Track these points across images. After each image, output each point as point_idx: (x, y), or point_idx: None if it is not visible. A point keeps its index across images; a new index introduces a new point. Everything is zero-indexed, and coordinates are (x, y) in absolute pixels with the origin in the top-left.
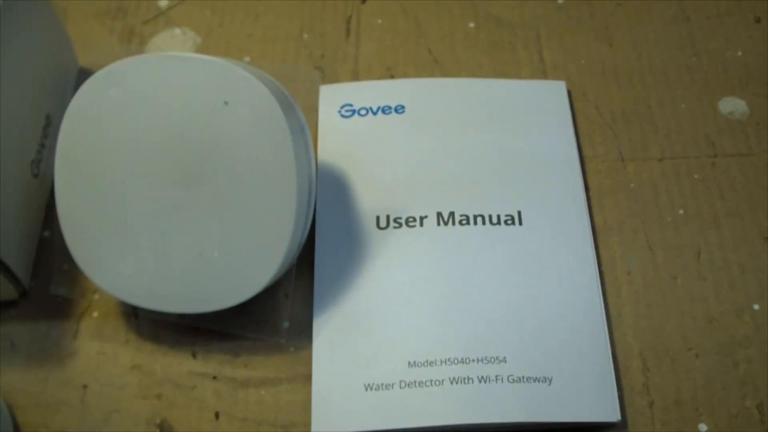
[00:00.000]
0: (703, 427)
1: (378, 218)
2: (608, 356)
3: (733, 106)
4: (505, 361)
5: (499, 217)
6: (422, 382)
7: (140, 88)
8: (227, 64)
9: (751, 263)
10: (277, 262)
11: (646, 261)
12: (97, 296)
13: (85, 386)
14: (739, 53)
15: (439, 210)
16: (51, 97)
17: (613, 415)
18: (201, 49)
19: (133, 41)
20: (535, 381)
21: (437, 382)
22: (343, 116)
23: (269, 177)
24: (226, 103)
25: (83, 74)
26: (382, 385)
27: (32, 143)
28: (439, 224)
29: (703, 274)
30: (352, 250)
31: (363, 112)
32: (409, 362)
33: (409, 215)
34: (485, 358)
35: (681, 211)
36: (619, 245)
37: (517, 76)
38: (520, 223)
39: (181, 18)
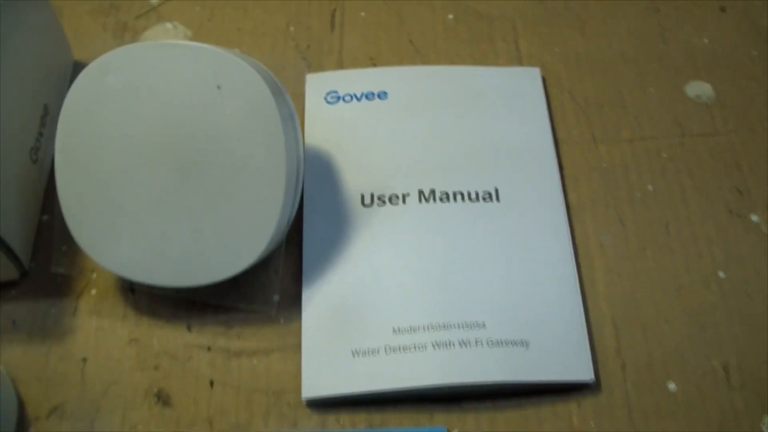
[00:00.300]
0: (672, 386)
1: (363, 196)
2: (582, 322)
3: (699, 89)
4: (485, 327)
5: (477, 193)
6: (406, 347)
7: (135, 75)
8: (220, 51)
9: (716, 235)
10: (267, 237)
11: (617, 235)
12: (95, 275)
13: (84, 360)
14: (706, 41)
15: (420, 188)
16: (48, 88)
17: (587, 375)
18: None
19: (126, 36)
20: (513, 344)
21: (420, 347)
22: (328, 102)
23: (260, 158)
24: (218, 87)
25: (78, 67)
26: (368, 350)
27: (31, 132)
28: (420, 201)
29: (672, 245)
30: (338, 227)
31: (347, 98)
32: (393, 328)
33: (392, 193)
34: (466, 323)
35: (650, 188)
36: (592, 220)
37: (495, 64)
38: (498, 199)
39: (172, 13)
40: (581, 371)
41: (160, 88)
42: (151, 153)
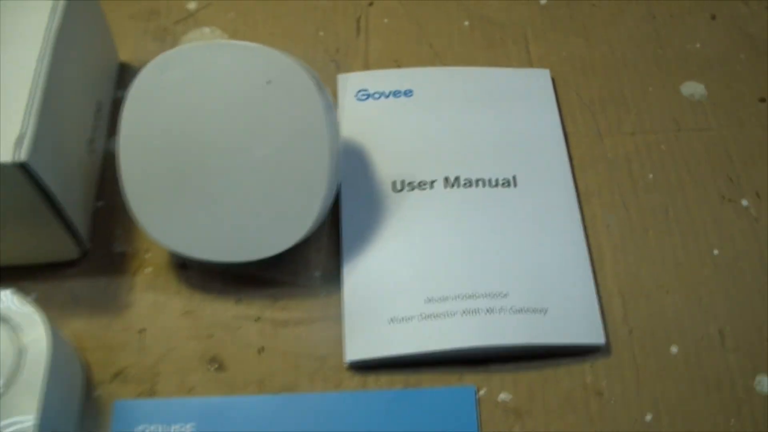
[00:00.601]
0: (674, 349)
1: (393, 183)
2: (593, 292)
3: (693, 89)
4: (507, 296)
5: (497, 180)
6: (438, 315)
7: (194, 70)
8: (268, 50)
9: (711, 218)
10: (313, 216)
11: (622, 218)
12: (149, 255)
13: (142, 330)
14: (698, 45)
15: (446, 175)
16: (100, 86)
17: (598, 338)
18: None
19: (167, 39)
20: (533, 312)
21: (450, 314)
22: (359, 100)
23: (306, 145)
24: (268, 82)
25: (123, 68)
26: (403, 318)
27: (88, 125)
28: (446, 187)
29: (671, 227)
30: (373, 210)
31: (376, 96)
32: (425, 298)
33: (420, 179)
34: (490, 293)
35: (650, 176)
36: (599, 205)
37: (507, 67)
38: (516, 185)
39: (208, 18)
40: (593, 335)
41: (216, 82)
42: (207, 140)
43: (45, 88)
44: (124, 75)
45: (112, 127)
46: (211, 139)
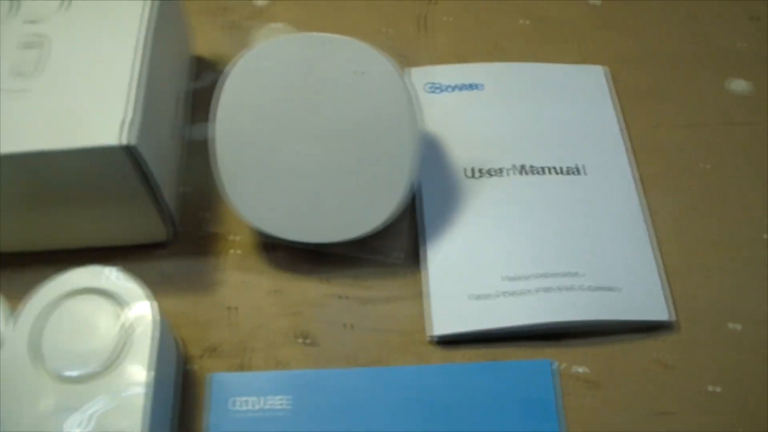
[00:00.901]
0: (736, 325)
1: (465, 170)
2: (660, 271)
3: (739, 86)
4: (581, 275)
5: (564, 168)
6: (516, 292)
7: (287, 59)
8: (357, 42)
9: (761, 204)
10: (398, 199)
11: (681, 203)
12: (236, 237)
13: (231, 308)
14: (743, 44)
15: (515, 163)
16: (179, 77)
17: (665, 315)
18: None
19: (238, 34)
20: (604, 290)
21: (528, 292)
22: (429, 92)
23: (392, 131)
24: (356, 72)
25: (197, 61)
26: (484, 295)
27: (172, 113)
28: (517, 174)
29: (726, 212)
30: (450, 195)
31: (448, 89)
32: (503, 277)
33: (492, 167)
34: (564, 272)
35: (703, 166)
36: (658, 192)
37: (563, 62)
38: (583, 173)
39: (277, 14)
40: (660, 312)
41: (308, 72)
42: (300, 126)
43: (144, 77)
44: (198, 67)
45: (189, 116)
46: (302, 126)
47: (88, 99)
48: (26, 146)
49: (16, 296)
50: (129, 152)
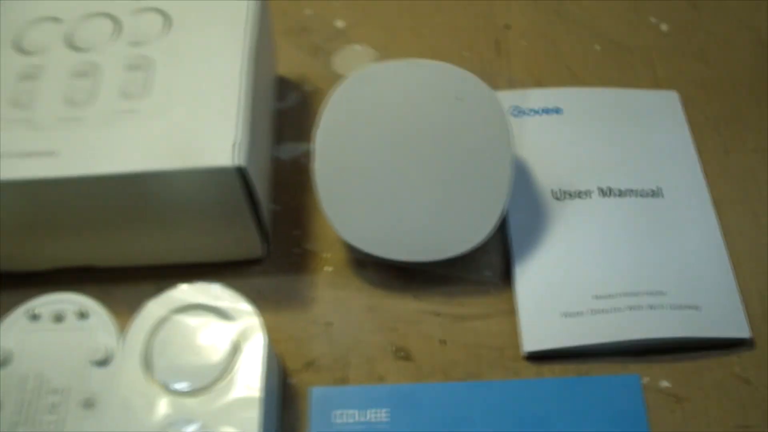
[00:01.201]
0: None
1: (552, 191)
2: (736, 292)
3: None
4: (665, 294)
5: (644, 190)
6: (606, 310)
7: (388, 85)
8: (457, 69)
9: None
10: (494, 221)
11: (753, 225)
12: (328, 255)
13: (328, 324)
14: None
15: (599, 185)
16: (270, 98)
17: (745, 332)
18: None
19: (319, 55)
20: (687, 308)
21: (616, 309)
22: (513, 116)
23: (489, 156)
24: (459, 98)
25: (280, 81)
26: (575, 312)
27: (266, 135)
28: (601, 196)
29: None
30: (538, 216)
31: (530, 112)
32: (593, 295)
33: (577, 189)
34: (650, 291)
35: None
36: (733, 214)
37: (636, 87)
38: (662, 195)
39: (357, 36)
40: (740, 329)
41: (409, 96)
42: (400, 148)
43: (248, 98)
44: (281, 87)
45: (275, 136)
46: (402, 147)
47: (197, 120)
48: (138, 166)
49: (116, 311)
50: (240, 173)
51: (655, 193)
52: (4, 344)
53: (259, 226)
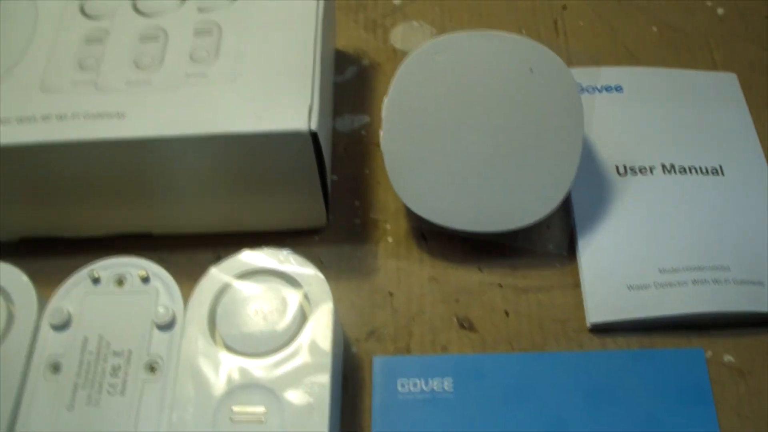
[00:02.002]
0: None
1: (617, 167)
2: None
3: None
4: (730, 269)
5: (707, 168)
6: (671, 283)
7: (460, 56)
8: (530, 41)
9: None
10: (563, 193)
11: None
12: (389, 226)
13: (391, 293)
14: None
15: (662, 162)
16: (331, 69)
17: None
18: None
19: (378, 31)
20: (751, 283)
21: (682, 283)
22: None
23: (561, 129)
24: (531, 70)
25: (338, 54)
26: (640, 285)
27: (329, 105)
28: (664, 172)
29: None
30: (601, 191)
31: (591, 90)
32: (659, 269)
33: (640, 165)
34: (715, 266)
35: None
36: None
37: (694, 69)
38: (722, 173)
39: (415, 13)
40: None
41: (481, 67)
42: (470, 119)
43: (319, 66)
44: (339, 61)
45: (334, 108)
46: (472, 118)
47: (269, 85)
48: (208, 129)
49: (175, 278)
50: (313, 138)
51: (717, 172)
52: (64, 307)
53: (325, 195)
